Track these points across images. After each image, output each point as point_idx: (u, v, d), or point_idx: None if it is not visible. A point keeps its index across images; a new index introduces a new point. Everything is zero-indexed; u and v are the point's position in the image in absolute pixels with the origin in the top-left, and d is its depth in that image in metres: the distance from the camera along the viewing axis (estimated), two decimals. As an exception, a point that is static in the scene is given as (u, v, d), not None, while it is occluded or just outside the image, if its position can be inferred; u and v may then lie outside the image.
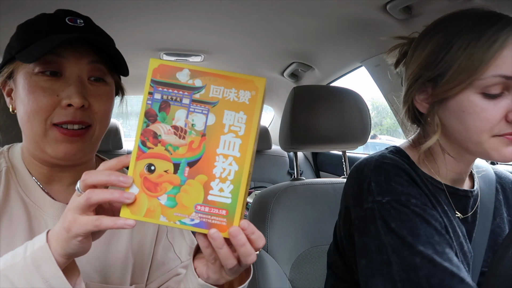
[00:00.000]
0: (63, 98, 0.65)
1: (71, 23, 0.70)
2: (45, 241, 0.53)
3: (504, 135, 0.67)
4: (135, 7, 1.22)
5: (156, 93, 0.51)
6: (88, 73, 0.69)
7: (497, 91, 0.66)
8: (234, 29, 1.44)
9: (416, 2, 1.05)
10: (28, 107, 0.66)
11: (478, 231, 0.78)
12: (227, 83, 0.51)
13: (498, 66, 0.64)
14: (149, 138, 0.51)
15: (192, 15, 1.29)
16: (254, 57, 1.83)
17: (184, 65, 0.51)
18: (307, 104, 1.19)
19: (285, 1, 1.15)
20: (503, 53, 0.65)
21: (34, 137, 0.67)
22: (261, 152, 2.54)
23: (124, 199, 0.49)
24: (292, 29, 1.40)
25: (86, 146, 0.70)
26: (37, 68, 0.66)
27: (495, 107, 0.66)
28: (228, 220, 0.50)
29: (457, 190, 0.79)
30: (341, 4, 1.14)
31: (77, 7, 0.77)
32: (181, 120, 0.51)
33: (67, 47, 0.67)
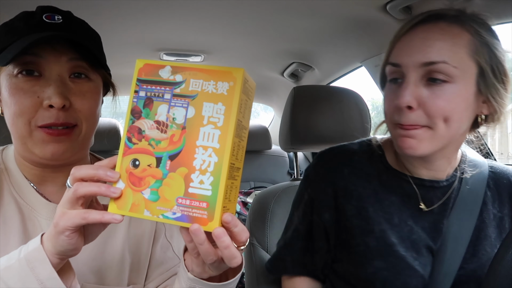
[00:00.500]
0: (44, 99, 0.64)
1: (48, 20, 0.68)
2: (39, 242, 0.53)
3: (397, 125, 0.73)
4: (135, 7, 1.22)
5: (141, 91, 0.53)
6: (68, 71, 0.68)
7: (393, 77, 0.75)
8: (234, 29, 1.44)
9: (416, 2, 1.05)
10: (12, 109, 0.65)
11: (453, 225, 0.79)
12: (206, 76, 0.52)
13: (390, 55, 0.76)
14: (134, 134, 0.52)
15: (192, 15, 1.29)
16: (254, 57, 1.82)
17: (166, 62, 0.53)
18: (307, 104, 1.19)
19: (285, 1, 1.15)
20: (395, 45, 0.76)
21: (21, 138, 0.67)
22: (261, 152, 2.54)
23: (111, 193, 0.50)
24: (292, 29, 1.40)
25: (74, 145, 0.69)
26: (16, 70, 0.65)
27: (393, 94, 0.74)
28: (209, 213, 0.50)
29: (423, 180, 0.81)
30: (341, 4, 1.14)
31: (77, 7, 0.77)
32: (163, 115, 0.52)
33: (45, 46, 0.65)
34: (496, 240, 0.80)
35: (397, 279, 0.75)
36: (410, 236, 0.78)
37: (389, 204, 0.81)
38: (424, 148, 0.71)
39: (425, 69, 0.70)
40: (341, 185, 0.84)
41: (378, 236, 0.79)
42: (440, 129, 0.71)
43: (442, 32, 0.71)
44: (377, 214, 0.80)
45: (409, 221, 0.80)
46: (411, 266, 0.76)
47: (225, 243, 0.49)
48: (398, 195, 0.82)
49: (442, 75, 0.69)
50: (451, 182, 0.82)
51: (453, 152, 0.81)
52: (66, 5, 0.74)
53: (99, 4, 1.17)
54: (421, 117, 0.70)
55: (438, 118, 0.70)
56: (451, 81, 0.70)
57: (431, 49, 0.69)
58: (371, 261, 0.78)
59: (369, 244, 0.79)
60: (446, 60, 0.69)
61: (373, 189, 0.83)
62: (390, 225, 0.80)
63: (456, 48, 0.70)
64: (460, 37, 0.70)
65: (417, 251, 0.78)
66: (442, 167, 0.81)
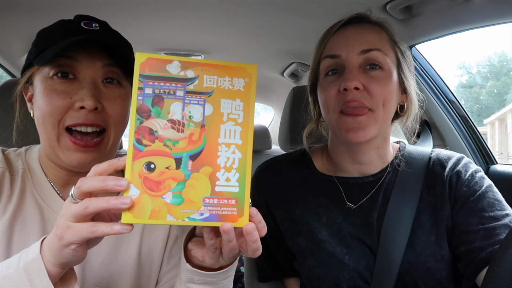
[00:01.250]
0: (76, 101, 0.66)
1: (86, 27, 0.70)
2: (38, 252, 0.51)
3: (343, 109, 0.77)
4: (135, 7, 1.22)
5: (147, 88, 0.49)
6: (102, 76, 0.69)
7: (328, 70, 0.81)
8: (234, 29, 1.44)
9: (416, 2, 1.05)
10: (42, 110, 0.66)
11: (389, 217, 0.81)
12: (220, 72, 0.51)
13: (326, 50, 0.83)
14: (144, 135, 0.49)
15: (192, 15, 1.29)
16: (254, 57, 1.82)
17: (172, 57, 0.50)
18: (307, 104, 1.19)
19: (285, 1, 1.15)
20: (328, 41, 0.83)
21: (49, 141, 0.68)
22: (261, 152, 2.54)
23: (121, 205, 0.46)
24: (292, 29, 1.40)
25: (101, 155, 0.69)
26: (52, 72, 0.67)
27: (333, 83, 0.80)
28: (238, 209, 0.50)
29: (347, 179, 0.87)
30: (341, 4, 1.14)
31: (77, 7, 0.78)
32: (178, 113, 0.49)
33: (81, 51, 0.67)
34: (432, 227, 0.80)
35: (328, 275, 0.80)
36: (339, 233, 0.83)
37: (317, 206, 0.86)
38: (369, 133, 0.77)
39: (363, 56, 0.78)
40: (269, 193, 0.91)
41: (306, 236, 0.84)
42: (380, 112, 0.77)
43: (369, 28, 0.82)
44: (304, 215, 0.86)
45: (338, 219, 0.84)
46: (340, 261, 0.80)
47: (255, 237, 0.50)
48: (325, 195, 0.87)
49: (377, 62, 0.78)
50: (379, 177, 0.86)
51: (382, 143, 0.84)
52: (66, 5, 0.74)
53: (99, 4, 1.17)
54: (366, 98, 0.76)
55: (379, 100, 0.77)
56: (384, 68, 0.79)
57: (366, 39, 0.80)
58: (305, 259, 0.84)
59: (300, 244, 0.85)
60: (379, 47, 0.79)
61: (300, 193, 0.88)
62: (318, 224, 0.84)
63: (383, 41, 0.81)
64: (382, 33, 0.83)
65: (347, 246, 0.81)
66: (373, 160, 0.85)
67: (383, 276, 0.78)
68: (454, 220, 0.80)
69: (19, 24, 1.28)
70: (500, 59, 2.68)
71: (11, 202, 0.68)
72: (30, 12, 1.20)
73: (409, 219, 0.80)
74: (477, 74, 2.85)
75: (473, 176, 0.82)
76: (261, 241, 0.94)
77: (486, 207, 0.77)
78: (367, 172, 0.86)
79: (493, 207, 0.77)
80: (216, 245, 0.54)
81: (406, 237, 0.79)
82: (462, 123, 1.40)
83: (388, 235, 0.80)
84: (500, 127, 2.91)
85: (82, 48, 0.67)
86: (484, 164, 1.39)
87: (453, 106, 1.40)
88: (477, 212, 0.78)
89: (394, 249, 0.78)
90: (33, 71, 0.70)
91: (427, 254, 0.78)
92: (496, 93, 2.79)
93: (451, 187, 0.82)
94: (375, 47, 0.78)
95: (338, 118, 0.79)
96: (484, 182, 0.81)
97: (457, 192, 0.81)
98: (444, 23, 1.11)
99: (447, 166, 0.84)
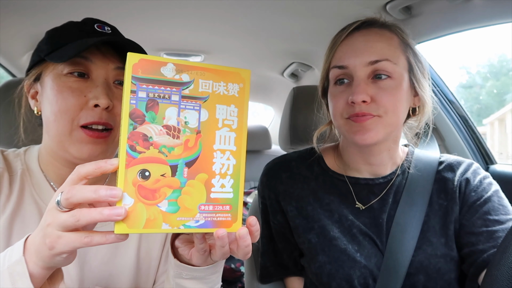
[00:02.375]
0: (90, 99, 0.67)
1: (99, 29, 0.72)
2: (21, 253, 0.50)
3: (350, 117, 0.78)
4: (135, 7, 1.22)
5: (140, 91, 0.47)
6: (113, 77, 0.71)
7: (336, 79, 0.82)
8: (234, 29, 1.44)
9: (416, 2, 1.05)
10: (56, 107, 0.67)
11: (398, 219, 0.83)
12: (215, 77, 0.50)
13: (335, 59, 0.83)
14: (138, 141, 0.46)
15: (192, 15, 1.29)
16: (254, 57, 1.82)
17: (166, 59, 0.48)
18: (307, 104, 1.19)
19: (285, 1, 1.15)
20: (337, 49, 0.83)
21: (60, 136, 0.68)
22: (261, 152, 2.54)
23: (115, 216, 0.44)
24: (292, 29, 1.40)
25: (108, 148, 0.70)
26: (66, 69, 0.68)
27: (342, 93, 0.80)
28: (232, 215, 0.50)
29: (358, 179, 0.88)
30: (341, 4, 1.14)
31: (77, 7, 0.78)
32: (173, 119, 0.48)
33: (95, 52, 0.69)
34: (441, 230, 0.83)
35: (340, 271, 0.80)
36: (351, 230, 0.84)
37: (329, 202, 0.87)
38: (376, 136, 0.78)
39: (371, 67, 0.78)
40: (281, 189, 0.92)
41: (318, 232, 0.85)
42: (388, 118, 0.78)
43: (379, 35, 0.81)
44: (316, 212, 0.87)
45: (349, 217, 0.85)
46: (352, 258, 0.81)
47: (247, 242, 0.51)
48: (335, 194, 0.88)
49: (385, 72, 0.78)
50: (390, 179, 0.87)
51: (393, 144, 0.85)
52: (67, 5, 0.75)
53: (100, 4, 1.17)
54: (373, 108, 0.77)
55: (387, 108, 0.77)
56: (393, 77, 0.78)
57: (374, 49, 0.78)
58: (316, 256, 0.84)
59: (311, 241, 0.85)
60: (388, 57, 0.78)
61: (311, 190, 0.89)
62: (330, 221, 0.85)
63: (393, 48, 0.80)
64: (392, 39, 0.81)
65: (358, 244, 0.82)
66: (384, 161, 0.86)
67: (390, 277, 0.79)
68: (460, 222, 0.83)
69: (19, 24, 1.28)
70: (500, 59, 2.68)
71: (10, 202, 0.68)
72: (30, 12, 1.20)
73: (418, 223, 0.82)
74: (477, 74, 2.86)
75: (482, 182, 0.84)
76: (266, 239, 0.96)
77: (491, 210, 0.80)
78: (378, 173, 0.87)
79: (497, 211, 0.80)
80: (206, 248, 0.55)
81: (415, 240, 0.80)
82: (461, 123, 1.40)
83: (397, 237, 0.81)
84: (500, 127, 2.91)
85: (96, 49, 0.69)
86: (483, 164, 1.39)
87: (452, 106, 1.40)
88: (481, 215, 0.80)
89: (402, 252, 0.79)
90: (42, 68, 0.70)
91: (438, 255, 0.80)
92: (495, 93, 2.79)
93: (461, 192, 0.84)
94: (383, 57, 0.78)
95: (345, 123, 0.80)
96: (491, 188, 0.84)
97: (465, 196, 0.83)
98: (444, 23, 1.11)
99: (457, 172, 0.87)
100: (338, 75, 0.82)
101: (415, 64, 0.82)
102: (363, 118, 0.77)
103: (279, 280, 0.99)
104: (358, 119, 0.77)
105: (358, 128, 0.77)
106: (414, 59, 0.82)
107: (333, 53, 0.84)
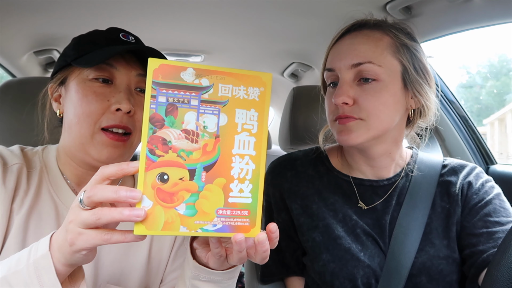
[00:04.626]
0: (112, 103, 0.70)
1: (124, 38, 0.76)
2: (47, 248, 0.52)
3: (336, 118, 0.80)
4: (135, 7, 1.22)
5: (160, 96, 0.47)
6: (135, 84, 0.74)
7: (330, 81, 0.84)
8: (234, 29, 1.44)
9: (416, 2, 1.05)
10: (80, 110, 0.70)
11: (401, 221, 0.84)
12: (235, 81, 0.49)
13: (326, 62, 0.85)
14: (157, 145, 0.47)
15: (192, 15, 1.29)
16: (254, 57, 1.82)
17: (186, 64, 0.48)
18: (307, 104, 1.19)
19: (285, 1, 1.15)
20: (329, 52, 0.85)
21: (81, 138, 0.71)
22: (261, 152, 2.53)
23: (134, 217, 0.46)
24: (292, 29, 1.40)
25: (126, 152, 0.73)
26: (92, 75, 0.72)
27: (331, 95, 0.81)
28: (251, 220, 0.50)
29: (362, 180, 0.89)
30: (341, 4, 1.14)
31: (77, 7, 0.78)
32: (192, 123, 0.48)
33: (120, 59, 0.73)
34: (444, 232, 0.84)
35: (344, 270, 0.81)
36: (355, 230, 0.84)
37: (333, 202, 0.88)
38: (358, 138, 0.78)
39: (355, 70, 0.78)
40: (286, 187, 0.92)
41: (323, 231, 0.85)
42: (372, 121, 0.78)
43: (366, 37, 0.81)
44: (321, 211, 0.87)
45: (353, 217, 0.86)
46: (356, 257, 0.81)
47: (266, 247, 0.51)
48: (340, 194, 0.89)
49: (370, 74, 0.78)
50: (394, 181, 0.87)
51: (393, 148, 0.85)
52: (67, 5, 0.75)
53: (100, 4, 1.17)
54: (356, 111, 0.78)
55: (370, 112, 0.77)
56: (379, 79, 0.78)
57: (357, 52, 0.79)
58: (319, 254, 0.84)
59: (315, 239, 0.86)
60: (371, 60, 0.77)
61: (316, 188, 0.90)
62: (335, 220, 0.86)
63: (379, 50, 0.79)
64: (382, 40, 0.80)
65: (362, 244, 0.83)
66: (386, 164, 0.87)
67: (392, 277, 0.79)
68: (462, 224, 0.83)
69: (19, 24, 1.28)
70: (500, 59, 2.68)
71: (28, 197, 0.70)
72: (30, 12, 1.20)
73: (420, 225, 0.83)
74: (477, 74, 2.86)
75: (483, 186, 0.85)
76: None
77: (492, 212, 0.81)
78: (381, 175, 0.88)
79: (498, 213, 0.81)
80: (221, 253, 0.55)
81: (417, 242, 0.81)
82: (462, 123, 1.40)
83: (399, 239, 0.82)
84: (500, 127, 2.91)
85: (121, 56, 0.73)
86: (483, 164, 1.39)
87: (453, 106, 1.40)
88: (482, 217, 0.81)
89: (404, 253, 0.80)
90: (68, 73, 0.74)
91: (441, 257, 0.81)
92: (496, 93, 2.79)
93: (463, 194, 0.85)
94: (366, 60, 0.77)
95: (333, 124, 0.83)
96: (493, 191, 0.85)
97: (467, 199, 0.84)
98: (444, 23, 1.11)
99: (460, 175, 0.88)
100: (328, 77, 0.85)
101: (410, 65, 0.80)
102: (346, 120, 0.78)
103: (280, 280, 0.99)
104: (341, 121, 0.79)
105: (342, 128, 0.79)
106: (411, 60, 0.80)
107: (326, 56, 0.87)
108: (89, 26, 0.83)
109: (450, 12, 1.03)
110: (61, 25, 1.31)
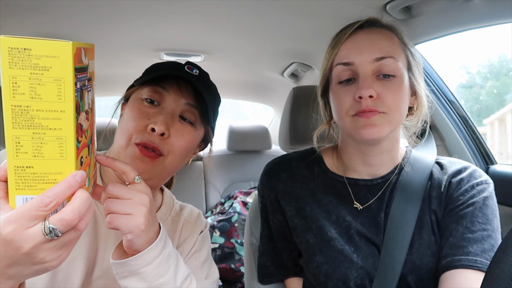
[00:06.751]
0: (150, 123, 0.74)
1: (189, 70, 0.81)
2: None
3: (357, 113, 0.79)
4: (135, 7, 1.22)
5: (78, 82, 0.46)
6: (180, 112, 0.79)
7: (345, 77, 0.81)
8: (234, 29, 1.44)
9: (416, 2, 1.05)
10: (123, 124, 0.77)
11: (393, 217, 0.83)
12: (91, 55, 0.52)
13: (339, 57, 0.83)
14: (79, 131, 0.48)
15: (192, 15, 1.29)
16: (254, 57, 1.83)
17: (79, 43, 0.46)
18: (307, 104, 1.19)
19: (285, 1, 1.15)
20: (340, 47, 0.83)
21: (118, 148, 0.76)
22: (261, 152, 2.54)
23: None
24: (292, 29, 1.40)
25: (153, 170, 0.76)
26: (145, 95, 0.78)
27: (349, 91, 0.80)
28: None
29: (357, 180, 0.89)
30: (341, 4, 1.14)
31: (77, 7, 0.78)
32: (88, 103, 0.51)
33: (174, 85, 0.78)
34: (433, 227, 0.83)
35: (337, 272, 0.81)
36: (348, 231, 0.84)
37: (327, 203, 0.88)
38: (383, 131, 0.78)
39: (376, 64, 0.79)
40: (280, 189, 0.93)
41: (316, 232, 0.86)
42: (393, 115, 0.79)
43: (381, 34, 0.83)
44: (315, 212, 0.87)
45: (347, 217, 0.85)
46: (349, 259, 0.81)
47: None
48: (334, 195, 0.89)
49: (390, 70, 0.79)
50: (387, 179, 0.87)
51: (394, 145, 0.86)
52: (67, 5, 0.74)
53: (100, 5, 1.17)
54: (379, 105, 0.78)
55: (392, 106, 0.78)
56: (396, 75, 0.79)
57: (379, 47, 0.80)
58: (313, 256, 0.85)
59: (309, 241, 0.86)
60: (392, 55, 0.79)
61: (311, 190, 0.91)
62: (328, 222, 0.86)
63: (395, 47, 0.82)
64: (393, 38, 0.83)
65: (355, 245, 0.83)
66: (384, 162, 0.87)
67: (386, 275, 0.79)
68: (439, 224, 0.83)
69: (19, 24, 1.28)
70: (500, 59, 2.67)
71: None
72: (30, 12, 1.20)
73: (412, 219, 0.82)
74: (477, 74, 2.85)
75: (473, 188, 0.82)
76: (266, 238, 0.98)
77: (469, 217, 0.79)
78: (376, 174, 0.88)
79: (475, 220, 0.78)
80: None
81: (409, 237, 0.81)
82: (461, 123, 1.40)
83: (392, 234, 0.81)
84: (500, 127, 2.91)
85: (176, 83, 0.78)
86: (483, 164, 1.39)
87: (452, 106, 1.40)
88: (457, 219, 0.80)
89: (397, 249, 0.80)
90: (132, 92, 0.82)
91: (429, 255, 0.80)
92: (496, 93, 2.78)
93: (448, 194, 0.83)
94: (388, 54, 0.79)
95: (351, 120, 0.80)
96: (481, 195, 0.81)
97: (451, 198, 0.82)
98: (444, 23, 1.11)
99: (449, 173, 0.86)
100: (342, 72, 0.82)
101: (413, 63, 0.84)
102: (370, 114, 0.77)
103: (280, 281, 0.99)
104: (365, 115, 0.77)
105: (365, 123, 0.78)
106: (412, 58, 0.84)
107: (337, 50, 0.84)
108: (89, 26, 0.83)
109: (450, 12, 1.03)
110: (62, 25, 1.31)
